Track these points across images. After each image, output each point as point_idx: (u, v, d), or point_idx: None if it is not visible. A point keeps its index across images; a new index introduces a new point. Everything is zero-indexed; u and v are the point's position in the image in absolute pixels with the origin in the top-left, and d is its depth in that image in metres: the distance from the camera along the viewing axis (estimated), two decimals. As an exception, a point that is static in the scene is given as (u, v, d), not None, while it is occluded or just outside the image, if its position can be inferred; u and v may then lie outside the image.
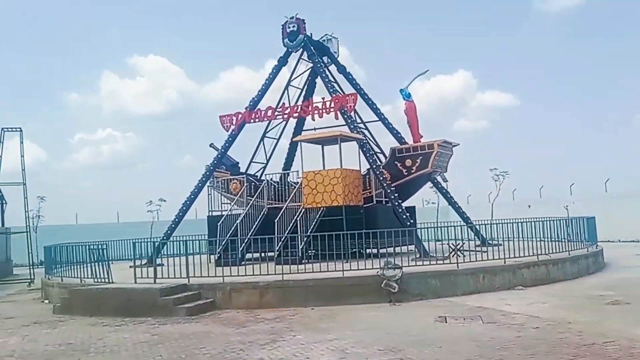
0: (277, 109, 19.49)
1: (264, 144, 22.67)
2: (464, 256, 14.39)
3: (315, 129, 23.53)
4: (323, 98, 18.51)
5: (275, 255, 16.05)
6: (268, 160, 22.93)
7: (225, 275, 12.05)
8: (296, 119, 22.30)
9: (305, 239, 16.17)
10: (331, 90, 18.72)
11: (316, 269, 12.47)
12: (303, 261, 15.28)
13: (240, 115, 19.76)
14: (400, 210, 16.63)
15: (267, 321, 10.06)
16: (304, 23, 19.78)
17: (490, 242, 16.89)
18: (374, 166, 17.25)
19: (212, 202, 20.42)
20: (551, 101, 55.07)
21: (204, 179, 20.22)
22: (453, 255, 15.11)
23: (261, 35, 58.22)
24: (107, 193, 51.11)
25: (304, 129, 22.70)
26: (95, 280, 13.29)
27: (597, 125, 53.46)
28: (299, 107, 19.26)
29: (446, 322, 9.14)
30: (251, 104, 19.93)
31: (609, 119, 53.86)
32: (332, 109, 18.00)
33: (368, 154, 17.51)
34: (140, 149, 58.23)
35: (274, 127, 22.53)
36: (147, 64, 57.70)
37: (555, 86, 55.30)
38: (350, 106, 18.00)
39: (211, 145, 22.83)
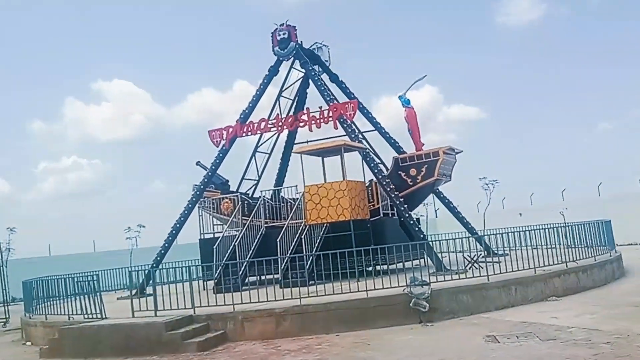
0: (271, 121, 18.57)
1: (255, 159, 21.80)
2: (482, 268, 13.65)
3: (307, 141, 22.84)
4: (320, 107, 17.70)
5: (280, 278, 15.09)
6: (260, 177, 22.01)
7: (235, 304, 10.98)
8: (288, 132, 21.66)
9: (310, 258, 15.21)
10: (327, 98, 17.93)
11: (329, 290, 11.55)
12: (310, 282, 14.30)
13: (231, 129, 18.79)
14: (411, 222, 15.83)
15: (293, 353, 9.05)
16: (295, 30, 19.02)
17: (496, 252, 16.28)
18: (380, 176, 16.44)
19: (203, 224, 19.30)
20: (517, 113, 56.00)
21: (193, 199, 19.10)
22: (470, 268, 14.40)
23: (228, 56, 57.99)
24: (78, 222, 49.49)
25: (295, 142, 22.01)
26: (86, 316, 12.04)
27: (565, 133, 54.71)
28: (295, 117, 18.38)
29: (498, 341, 8.28)
30: (242, 116, 19.00)
31: (576, 126, 55.14)
32: (330, 118, 17.20)
33: (372, 164, 16.71)
34: (108, 176, 57.26)
35: (265, 141, 21.79)
36: (112, 89, 56.87)
37: (519, 98, 56.41)
38: (350, 114, 17.22)
39: (198, 163, 21.79)
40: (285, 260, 15.43)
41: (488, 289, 11.29)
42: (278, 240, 15.82)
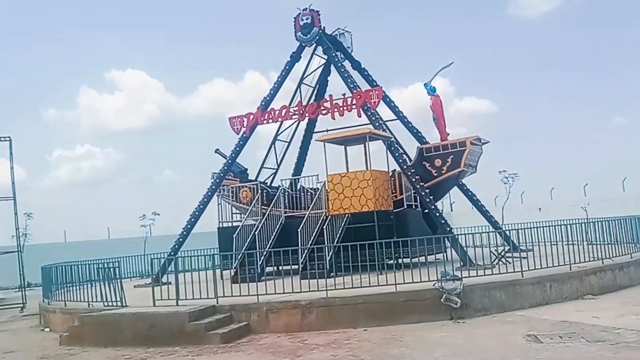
0: (292, 108, 18.18)
1: (274, 147, 21.46)
2: (509, 263, 13.25)
3: (327, 130, 22.49)
4: (344, 94, 17.26)
5: (300, 269, 14.79)
6: (279, 166, 21.65)
7: (260, 294, 10.68)
8: (308, 120, 21.27)
9: (331, 249, 14.86)
10: (351, 86, 17.43)
11: (352, 283, 11.16)
12: (331, 274, 13.94)
13: (252, 116, 18.41)
14: (437, 214, 15.41)
15: (322, 348, 8.73)
16: (319, 15, 18.52)
17: (520, 247, 15.78)
18: (405, 167, 16.00)
19: (222, 212, 19.02)
20: (528, 106, 55.06)
21: (213, 187, 18.80)
22: (497, 263, 13.97)
23: (240, 47, 57.61)
24: (93, 209, 49.69)
25: (315, 130, 21.64)
26: (106, 304, 11.82)
27: (581, 128, 53.74)
28: (317, 105, 17.95)
29: (540, 342, 7.89)
30: (263, 103, 18.59)
31: (591, 121, 54.11)
32: (354, 106, 16.76)
33: (397, 154, 16.27)
34: (120, 165, 57.39)
35: (284, 130, 21.42)
36: (125, 79, 56.82)
37: (531, 92, 55.37)
38: (375, 102, 16.75)
39: (217, 151, 21.50)
40: (305, 251, 15.13)
41: (522, 285, 10.87)
42: (299, 230, 15.49)
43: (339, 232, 15.80)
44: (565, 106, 54.28)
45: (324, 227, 15.50)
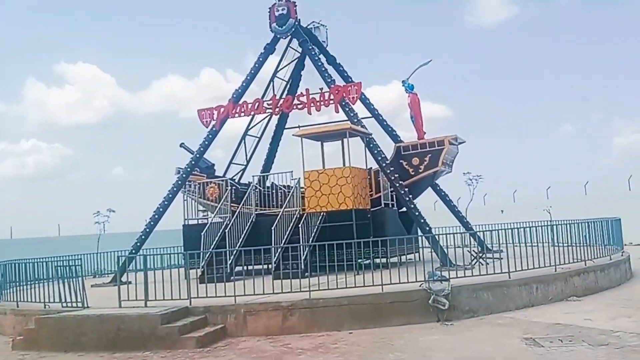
0: (266, 102, 17.56)
1: (244, 143, 20.81)
2: (487, 264, 13.05)
3: (299, 126, 22.00)
4: (321, 89, 16.78)
5: (273, 268, 14.22)
6: (248, 162, 21.03)
7: (237, 295, 10.05)
8: (279, 115, 20.72)
9: (308, 248, 14.34)
10: (328, 80, 16.99)
11: (337, 283, 10.64)
12: (306, 274, 13.41)
13: (222, 109, 17.68)
14: (417, 213, 15.10)
15: (309, 353, 8.19)
16: (295, 6, 18.01)
17: (491, 249, 15.64)
18: (384, 164, 15.63)
19: (187, 209, 18.21)
20: (484, 110, 56.18)
21: (179, 182, 17.97)
22: (475, 263, 13.77)
23: (196, 43, 56.73)
24: (41, 206, 47.66)
25: (286, 126, 21.13)
26: (64, 304, 10.93)
27: (530, 133, 55.25)
28: (292, 98, 17.38)
29: (541, 345, 7.59)
30: (234, 96, 17.91)
31: (539, 127, 55.74)
32: (331, 101, 16.29)
33: (376, 151, 15.88)
34: (69, 160, 55.96)
35: (255, 124, 20.81)
36: (76, 72, 55.26)
37: (485, 97, 56.54)
38: (353, 98, 16.29)
39: (182, 145, 20.72)
40: (279, 250, 14.57)
41: (509, 286, 10.61)
42: (273, 228, 14.90)
43: (314, 230, 15.34)
44: (521, 110, 55.52)
45: (299, 225, 14.97)
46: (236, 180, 19.57)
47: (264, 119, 20.80)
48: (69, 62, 61.07)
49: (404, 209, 16.54)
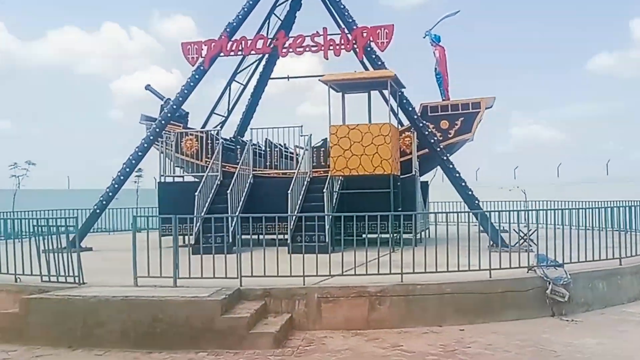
0: (272, 39, 15.06)
1: (229, 89, 18.24)
2: (536, 245, 11.72)
3: (288, 77, 19.80)
4: (343, 29, 14.56)
5: (290, 240, 12.12)
6: (229, 112, 18.51)
7: (306, 275, 7.89)
8: (267, 61, 18.36)
9: (331, 218, 12.32)
10: (349, 20, 14.71)
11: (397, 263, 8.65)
12: (329, 249, 11.40)
13: (213, 44, 14.98)
14: (463, 184, 13.43)
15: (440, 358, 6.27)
16: None
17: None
18: (421, 125, 13.78)
19: (163, 164, 15.52)
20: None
21: (156, 130, 15.13)
22: (523, 245, 12.43)
23: None
24: None
25: (271, 76, 18.82)
26: (46, 278, 8.29)
27: None
28: (304, 38, 14.93)
29: None
30: (228, 30, 15.18)
31: None
32: (354, 45, 14.15)
33: (410, 108, 13.97)
34: None
35: (243, 69, 18.26)
36: None
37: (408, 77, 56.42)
38: (383, 43, 14.20)
39: (147, 87, 17.87)
40: (294, 219, 12.49)
41: (622, 275, 9.23)
42: (289, 192, 12.72)
43: (335, 198, 13.39)
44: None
45: (322, 190, 12.93)
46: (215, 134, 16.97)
47: (251, 64, 18.39)
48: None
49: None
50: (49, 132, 49.65)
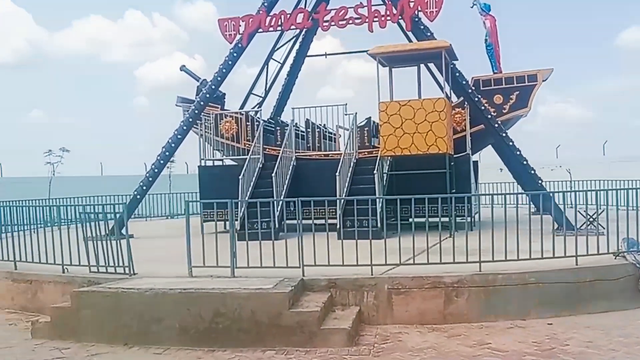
0: (312, 12, 14.30)
1: (267, 68, 17.59)
2: (603, 228, 10.88)
3: (326, 54, 19.14)
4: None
5: (339, 225, 11.51)
6: (267, 92, 17.88)
7: (374, 265, 7.27)
8: (304, 37, 17.66)
9: (381, 202, 11.67)
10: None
11: (485, 251, 7.87)
12: (382, 235, 10.75)
13: (251, 20, 14.32)
14: (524, 162, 12.60)
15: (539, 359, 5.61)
16: None
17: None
18: (476, 99, 12.96)
19: (203, 147, 15.02)
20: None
21: (195, 112, 14.60)
22: (588, 226, 11.60)
23: None
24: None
25: (307, 54, 18.15)
26: (94, 269, 7.85)
27: None
28: (347, 10, 14.09)
29: None
30: (266, 4, 14.46)
31: None
32: (400, 16, 13.32)
33: (464, 82, 13.14)
34: None
35: (281, 46, 17.57)
36: None
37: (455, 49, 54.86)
38: (432, 12, 13.33)
39: (182, 68, 17.33)
40: (342, 203, 11.88)
41: None
42: (337, 174, 12.11)
43: (385, 179, 12.74)
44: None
45: (374, 172, 12.27)
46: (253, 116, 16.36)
47: (288, 40, 17.69)
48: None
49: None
50: (79, 121, 50.23)
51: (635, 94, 48.97)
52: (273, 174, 12.61)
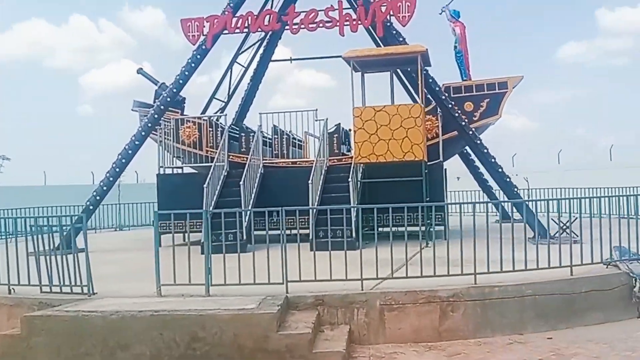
0: (282, 14, 13.76)
1: (231, 72, 16.91)
2: (577, 236, 10.76)
3: (291, 59, 18.72)
4: (360, 2, 13.32)
5: (312, 236, 10.92)
6: (230, 97, 17.21)
7: (364, 279, 6.73)
8: (267, 43, 17.11)
9: (356, 211, 11.18)
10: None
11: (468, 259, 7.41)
12: (357, 245, 10.26)
13: (216, 20, 13.65)
14: (499, 170, 12.36)
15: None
16: None
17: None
18: (449, 106, 12.66)
19: (162, 155, 14.19)
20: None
21: (155, 117, 13.77)
22: (561, 235, 11.46)
23: None
24: None
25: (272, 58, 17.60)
26: (47, 289, 7.01)
27: None
28: (318, 13, 13.62)
29: None
30: (231, 5, 13.84)
31: None
32: (373, 19, 12.93)
33: (437, 88, 12.84)
34: None
35: (244, 50, 16.94)
36: None
37: None
38: (404, 17, 12.99)
39: (139, 71, 16.46)
40: (315, 212, 11.34)
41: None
42: (310, 181, 11.58)
43: (359, 187, 12.29)
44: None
45: (348, 180, 11.79)
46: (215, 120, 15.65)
47: (252, 45, 17.07)
48: None
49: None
50: (20, 128, 48.03)
51: (575, 105, 50.82)
52: (241, 182, 11.94)
